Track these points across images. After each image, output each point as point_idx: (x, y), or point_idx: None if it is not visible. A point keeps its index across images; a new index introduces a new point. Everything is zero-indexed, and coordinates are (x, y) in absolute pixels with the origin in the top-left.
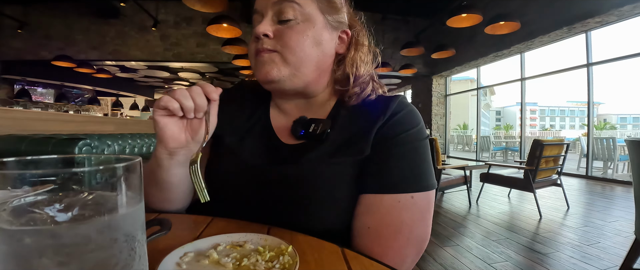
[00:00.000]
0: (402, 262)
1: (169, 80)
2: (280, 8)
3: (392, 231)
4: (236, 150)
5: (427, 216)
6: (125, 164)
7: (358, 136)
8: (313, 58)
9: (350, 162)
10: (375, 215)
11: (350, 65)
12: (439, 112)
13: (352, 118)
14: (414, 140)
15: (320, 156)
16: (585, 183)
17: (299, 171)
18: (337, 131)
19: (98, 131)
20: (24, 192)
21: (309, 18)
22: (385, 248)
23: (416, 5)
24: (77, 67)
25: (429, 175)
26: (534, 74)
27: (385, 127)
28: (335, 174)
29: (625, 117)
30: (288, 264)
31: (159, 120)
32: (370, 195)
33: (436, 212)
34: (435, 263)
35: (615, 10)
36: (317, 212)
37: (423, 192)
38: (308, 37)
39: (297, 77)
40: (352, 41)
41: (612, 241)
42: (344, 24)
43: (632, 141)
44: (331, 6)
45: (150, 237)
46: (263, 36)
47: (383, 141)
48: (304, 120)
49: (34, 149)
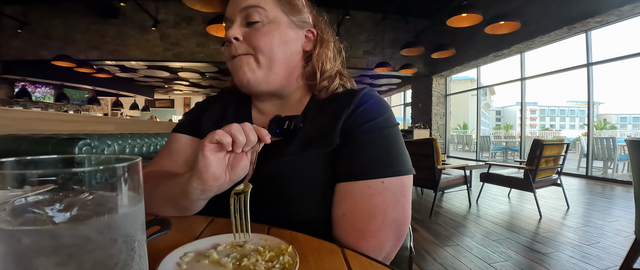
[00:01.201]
0: (381, 246)
1: (169, 80)
2: (247, 13)
3: (365, 216)
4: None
5: (402, 200)
6: (125, 164)
7: (327, 128)
8: (281, 56)
9: (321, 153)
10: (349, 202)
11: (316, 60)
12: (439, 112)
13: (322, 111)
14: (381, 129)
15: (294, 151)
16: (585, 183)
17: (274, 167)
18: (308, 125)
19: (98, 131)
20: (24, 192)
21: (273, 20)
22: (360, 232)
23: (416, 5)
24: (77, 67)
25: (400, 161)
26: (534, 74)
27: (351, 118)
28: (308, 165)
29: (625, 117)
30: (288, 264)
31: (208, 156)
32: (343, 184)
33: (436, 212)
34: (435, 263)
35: (615, 10)
36: (294, 203)
37: (394, 177)
38: (274, 37)
39: (270, 77)
40: (318, 39)
41: (612, 241)
42: (308, 23)
43: (632, 141)
44: (293, 7)
45: (150, 237)
46: (234, 39)
47: (350, 131)
48: (278, 118)
49: (34, 149)
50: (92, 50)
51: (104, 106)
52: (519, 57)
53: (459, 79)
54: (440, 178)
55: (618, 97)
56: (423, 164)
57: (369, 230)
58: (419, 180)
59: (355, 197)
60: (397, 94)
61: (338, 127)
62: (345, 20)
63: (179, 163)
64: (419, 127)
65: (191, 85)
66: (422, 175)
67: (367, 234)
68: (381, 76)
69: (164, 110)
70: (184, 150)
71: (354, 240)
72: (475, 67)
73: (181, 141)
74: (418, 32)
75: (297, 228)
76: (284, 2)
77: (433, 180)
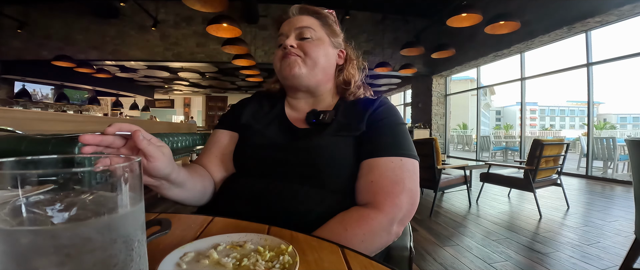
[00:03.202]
0: (399, 208)
1: (168, 80)
2: (301, 31)
3: (390, 182)
4: (263, 131)
5: (414, 177)
6: (125, 164)
7: (355, 120)
8: (322, 64)
9: (350, 137)
10: (375, 172)
11: (347, 73)
12: (439, 111)
13: (350, 109)
14: (397, 123)
15: (329, 133)
16: (585, 183)
17: (311, 144)
18: (339, 118)
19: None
20: (24, 192)
21: (320, 38)
22: (386, 194)
23: (416, 5)
24: (77, 67)
25: (412, 149)
26: (534, 74)
27: (374, 114)
28: (338, 144)
29: (625, 116)
30: (288, 264)
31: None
32: (369, 160)
33: (436, 212)
34: (435, 263)
35: (615, 10)
36: (326, 176)
37: (408, 158)
38: (320, 49)
39: (312, 75)
40: (347, 57)
41: (612, 241)
42: (341, 45)
43: (632, 141)
44: (333, 32)
45: (150, 237)
46: (290, 47)
47: (373, 123)
48: (315, 111)
49: (34, 149)
50: (92, 50)
51: (104, 106)
52: (519, 57)
53: (459, 79)
54: (440, 178)
55: (618, 97)
56: (423, 164)
57: (393, 192)
58: (419, 180)
59: (381, 168)
60: (397, 94)
61: (365, 119)
62: (345, 20)
63: (214, 152)
64: (419, 127)
65: (191, 85)
66: (422, 175)
67: (391, 195)
68: (381, 76)
69: (164, 110)
70: (220, 141)
71: (382, 199)
72: (475, 67)
73: (218, 135)
74: (418, 32)
75: (326, 198)
76: (327, 28)
77: (433, 180)
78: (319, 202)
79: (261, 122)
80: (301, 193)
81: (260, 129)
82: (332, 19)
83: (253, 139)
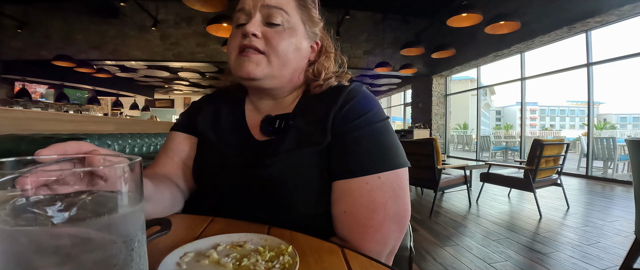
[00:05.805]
0: (386, 239)
1: (169, 80)
2: (270, 12)
3: (367, 212)
4: (220, 147)
5: (401, 193)
6: (125, 163)
7: (317, 126)
8: (292, 62)
9: (314, 151)
10: (348, 199)
11: (319, 65)
12: (439, 111)
13: (311, 108)
14: (371, 124)
15: (288, 149)
16: (585, 183)
17: (271, 165)
18: (298, 122)
19: (98, 131)
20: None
21: (293, 26)
22: (364, 228)
23: (416, 5)
24: (77, 67)
25: (394, 154)
26: (534, 74)
27: (340, 115)
28: (303, 163)
29: (625, 117)
30: (288, 264)
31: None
32: (340, 182)
33: (436, 212)
34: (435, 263)
35: (615, 10)
36: (293, 200)
37: (390, 171)
38: (291, 44)
39: (276, 78)
40: (322, 50)
41: (612, 241)
42: (317, 36)
43: (632, 141)
44: (311, 19)
45: (150, 237)
46: (252, 35)
47: (340, 128)
48: (269, 118)
49: (34, 149)
50: (92, 50)
51: (104, 106)
52: (519, 57)
53: (459, 78)
54: (440, 178)
55: (618, 97)
56: (423, 164)
57: (372, 225)
58: (419, 180)
59: (353, 194)
60: (397, 94)
61: (328, 125)
62: (345, 20)
63: (175, 161)
64: (419, 127)
65: (191, 85)
66: (422, 175)
67: (370, 228)
68: (381, 76)
69: (164, 110)
70: (181, 148)
71: (359, 235)
72: (475, 67)
73: (178, 139)
74: (418, 32)
75: (297, 224)
76: (305, 13)
77: (433, 180)
78: (294, 227)
79: (218, 131)
80: (268, 220)
81: (216, 142)
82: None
83: (211, 158)
